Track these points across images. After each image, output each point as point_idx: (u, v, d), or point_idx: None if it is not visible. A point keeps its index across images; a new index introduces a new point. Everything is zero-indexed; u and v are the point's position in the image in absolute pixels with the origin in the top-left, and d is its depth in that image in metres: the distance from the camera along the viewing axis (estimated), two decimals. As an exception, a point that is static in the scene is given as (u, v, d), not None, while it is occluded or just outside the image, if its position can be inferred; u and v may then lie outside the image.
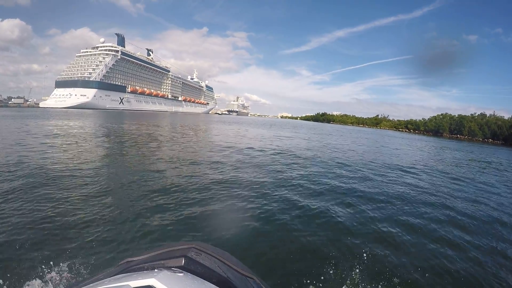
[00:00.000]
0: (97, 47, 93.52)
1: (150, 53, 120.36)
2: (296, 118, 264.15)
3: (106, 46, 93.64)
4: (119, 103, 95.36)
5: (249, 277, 0.99)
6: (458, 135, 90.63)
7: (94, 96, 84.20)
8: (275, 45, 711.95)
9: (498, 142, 77.98)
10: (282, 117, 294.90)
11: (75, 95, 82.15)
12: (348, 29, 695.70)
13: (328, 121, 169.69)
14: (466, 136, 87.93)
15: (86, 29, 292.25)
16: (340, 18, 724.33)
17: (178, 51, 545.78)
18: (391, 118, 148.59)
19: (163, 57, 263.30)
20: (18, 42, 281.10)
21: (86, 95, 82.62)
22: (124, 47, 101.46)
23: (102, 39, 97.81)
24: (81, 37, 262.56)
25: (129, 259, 0.99)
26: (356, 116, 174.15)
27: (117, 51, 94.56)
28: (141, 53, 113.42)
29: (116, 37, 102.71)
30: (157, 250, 1.03)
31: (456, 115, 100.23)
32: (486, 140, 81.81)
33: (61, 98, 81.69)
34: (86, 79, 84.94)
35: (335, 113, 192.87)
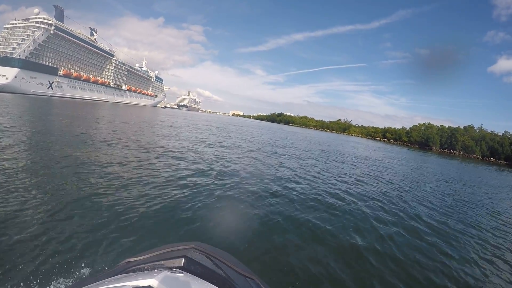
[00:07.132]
0: (28, 19, 75.84)
1: (94, 33, 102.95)
2: (248, 117, 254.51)
3: (38, 18, 76.57)
4: (48, 88, 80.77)
5: (249, 277, 0.96)
6: (451, 150, 78.28)
7: (16, 77, 67.08)
8: (232, 42, 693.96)
9: (501, 161, 64.96)
10: (233, 115, 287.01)
11: (-9, 75, 67.08)
12: (306, 33, 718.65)
13: (286, 123, 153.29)
14: (460, 152, 75.98)
15: (39, 8, 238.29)
16: (299, 22, 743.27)
17: (132, 40, 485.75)
18: (354, 124, 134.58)
19: (117, 45, 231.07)
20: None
21: (5, 75, 65.49)
22: (63, 22, 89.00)
23: (36, 10, 78.56)
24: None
25: (129, 260, 0.98)
26: (315, 118, 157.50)
27: (50, 25, 77.63)
28: (82, 32, 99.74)
29: (54, 9, 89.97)
30: (157, 250, 1.01)
31: (447, 126, 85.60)
32: (486, 158, 69.38)
33: (-26, 80, 65.64)
34: (8, 55, 69.27)
35: (287, 113, 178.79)
